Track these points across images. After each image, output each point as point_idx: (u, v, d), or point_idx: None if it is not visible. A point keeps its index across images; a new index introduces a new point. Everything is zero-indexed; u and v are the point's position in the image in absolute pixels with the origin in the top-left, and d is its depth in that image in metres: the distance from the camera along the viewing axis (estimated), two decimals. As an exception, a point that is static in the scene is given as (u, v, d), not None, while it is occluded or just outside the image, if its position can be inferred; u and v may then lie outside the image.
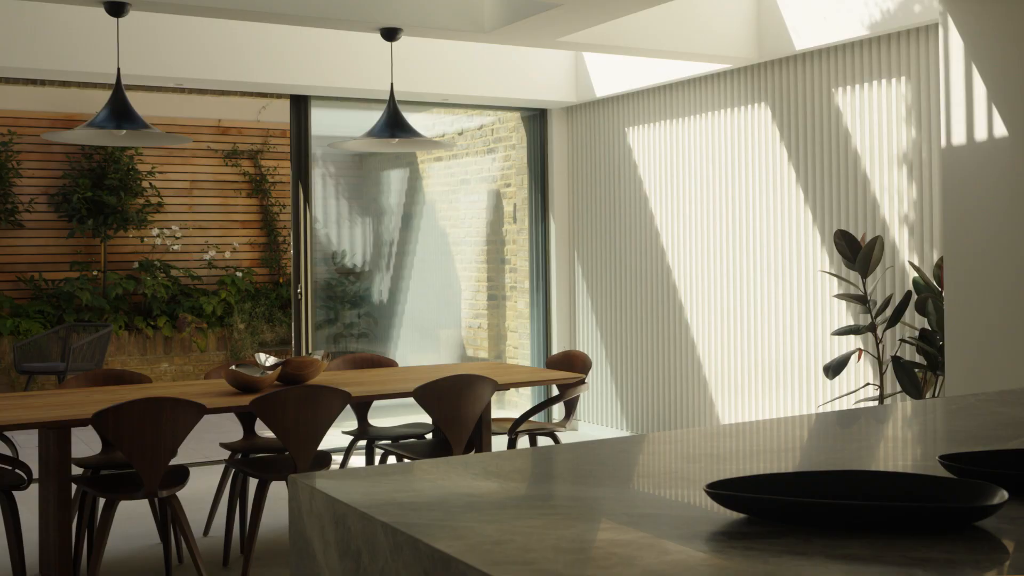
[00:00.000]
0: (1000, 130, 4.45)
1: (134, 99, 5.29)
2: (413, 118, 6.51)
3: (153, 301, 10.55)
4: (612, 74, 7.46)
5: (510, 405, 8.55)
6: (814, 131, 6.15)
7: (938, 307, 5.09)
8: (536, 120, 8.28)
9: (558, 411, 7.95)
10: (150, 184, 10.76)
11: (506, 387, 5.02)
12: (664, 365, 7.32)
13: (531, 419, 5.87)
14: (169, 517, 4.52)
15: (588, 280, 8.06)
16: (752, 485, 1.40)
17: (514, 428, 5.40)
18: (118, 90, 4.93)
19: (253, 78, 6.68)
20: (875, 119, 5.80)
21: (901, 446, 2.05)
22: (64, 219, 10.39)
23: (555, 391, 6.93)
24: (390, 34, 5.54)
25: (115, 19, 5.05)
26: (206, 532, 5.23)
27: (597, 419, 8.00)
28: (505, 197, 8.57)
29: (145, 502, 5.46)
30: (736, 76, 6.69)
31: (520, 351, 8.42)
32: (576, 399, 5.52)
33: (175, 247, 10.98)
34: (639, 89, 7.36)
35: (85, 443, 7.19)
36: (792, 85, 6.29)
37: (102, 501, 4.54)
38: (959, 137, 4.63)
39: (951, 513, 1.26)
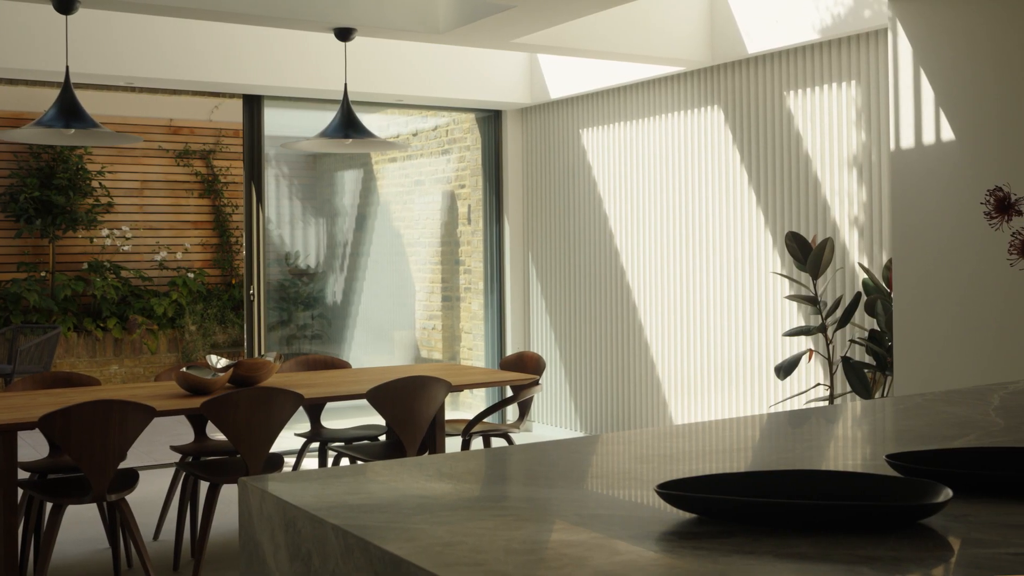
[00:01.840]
0: (947, 134, 4.52)
1: (83, 98, 5.22)
2: (367, 119, 6.49)
3: (103, 302, 10.41)
4: (566, 76, 7.48)
5: (464, 406, 8.54)
6: (766, 134, 6.21)
7: (887, 308, 5.16)
8: (491, 121, 8.28)
9: (512, 412, 7.95)
10: (100, 184, 10.62)
11: (460, 388, 5.01)
12: (618, 366, 7.35)
13: (485, 420, 5.87)
14: (118, 521, 4.46)
15: (542, 281, 8.07)
16: (703, 485, 1.40)
17: (468, 429, 5.40)
18: (67, 88, 4.86)
19: (205, 77, 6.62)
20: (826, 122, 5.87)
21: (850, 445, 2.07)
22: (11, 219, 10.22)
23: (509, 392, 6.93)
24: (344, 34, 5.51)
25: (64, 16, 4.98)
26: (156, 536, 5.17)
27: (551, 420, 8.02)
28: (459, 198, 8.56)
29: (93, 506, 5.39)
30: (689, 79, 6.73)
31: (474, 352, 8.41)
32: (530, 400, 5.53)
33: (125, 248, 10.84)
34: (593, 91, 7.39)
35: (32, 446, 7.08)
36: (744, 88, 6.34)
37: (49, 505, 4.47)
38: (908, 140, 4.69)
39: (897, 512, 1.28)
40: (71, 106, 4.82)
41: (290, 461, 6.04)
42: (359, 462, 4.81)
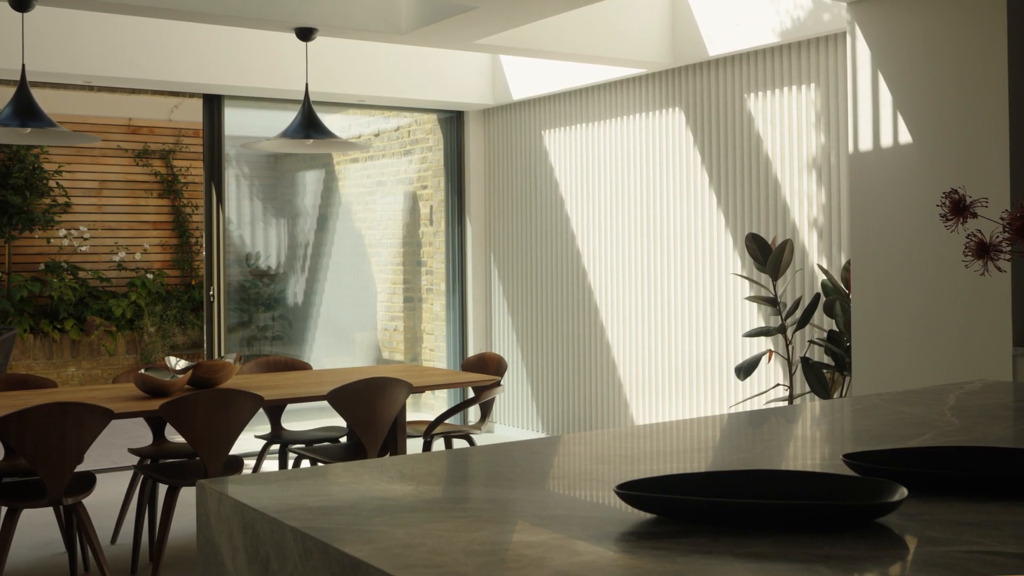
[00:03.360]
0: (905, 136, 4.57)
1: (40, 96, 5.15)
2: (329, 119, 6.47)
3: (60, 303, 10.29)
4: (529, 77, 7.49)
5: (426, 408, 8.53)
6: (727, 136, 6.25)
7: (845, 309, 5.21)
8: (453, 122, 8.27)
9: (474, 413, 7.95)
10: (57, 184, 10.49)
11: (421, 390, 5.00)
12: (579, 367, 7.36)
13: (446, 422, 5.86)
14: (75, 525, 4.41)
15: (504, 282, 8.07)
16: (662, 486, 1.41)
17: (429, 431, 5.39)
18: (23, 87, 4.79)
19: (165, 76, 6.56)
20: (786, 125, 5.91)
21: (809, 445, 2.09)
22: (-34, 219, 10.08)
23: (471, 393, 6.93)
24: (305, 34, 5.48)
25: (20, 14, 4.92)
26: (114, 540, 5.11)
27: (513, 421, 8.02)
28: (421, 199, 8.54)
29: (50, 510, 5.33)
30: (651, 81, 6.76)
31: (436, 353, 8.40)
32: (491, 401, 5.53)
33: (83, 248, 10.72)
34: (555, 92, 7.40)
35: (-13, 450, 6.99)
36: (705, 90, 6.38)
37: (4, 509, 4.41)
38: (866, 143, 4.74)
39: (853, 511, 1.29)
40: (27, 105, 4.75)
41: (250, 463, 5.99)
42: (319, 464, 4.78)
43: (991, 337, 4.29)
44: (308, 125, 5.46)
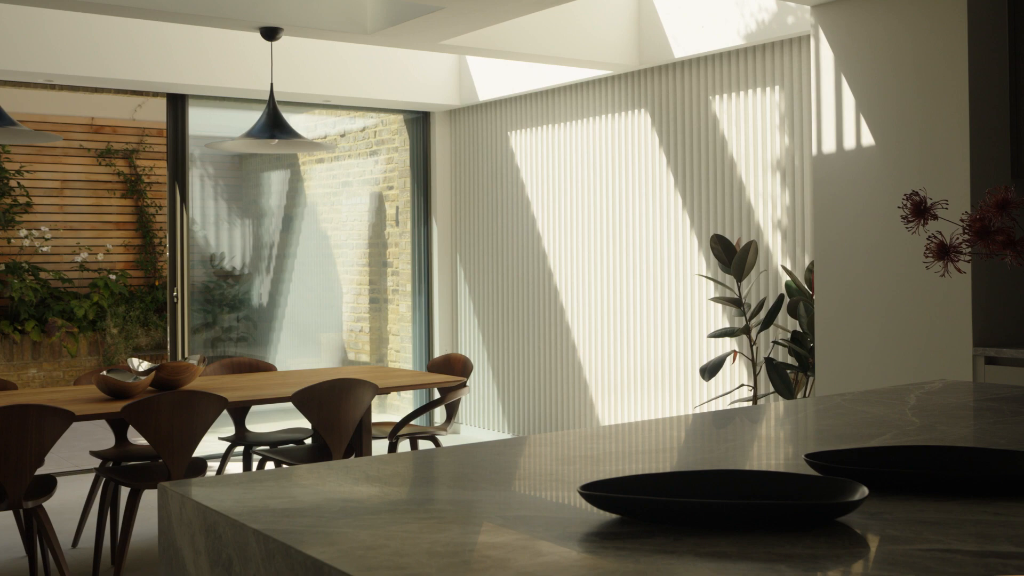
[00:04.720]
0: (867, 139, 4.61)
1: (0, 95, 5.09)
2: (294, 119, 6.43)
3: (21, 305, 10.16)
4: (495, 78, 7.49)
5: (392, 409, 8.50)
6: (692, 137, 6.28)
7: (809, 310, 5.25)
8: (419, 123, 8.26)
9: (440, 414, 7.93)
10: (18, 183, 10.37)
11: (386, 391, 4.99)
12: (545, 368, 7.37)
13: (412, 423, 5.85)
14: (35, 529, 4.36)
15: (470, 283, 8.07)
16: (626, 486, 1.41)
17: (395, 432, 5.38)
18: (-18, 85, 4.74)
19: (128, 75, 6.50)
20: (750, 126, 5.95)
21: (772, 445, 2.10)
22: (-76, 219, 9.93)
23: (437, 394, 6.92)
24: (270, 33, 5.45)
25: (-21, 11, 4.86)
26: (75, 544, 5.06)
27: (479, 422, 8.01)
28: (387, 200, 8.52)
29: (10, 514, 5.26)
30: (617, 82, 6.78)
31: (402, 355, 8.38)
32: (457, 402, 5.52)
33: (44, 249, 10.60)
34: (522, 93, 7.41)
35: (-54, 453, 6.89)
36: (671, 92, 6.41)
37: (-37, 513, 4.35)
38: (829, 145, 4.78)
39: (814, 510, 1.30)
40: (-13, 103, 4.70)
41: (214, 466, 5.95)
42: (284, 466, 4.76)
43: (952, 337, 4.34)
44: (273, 125, 5.43)
